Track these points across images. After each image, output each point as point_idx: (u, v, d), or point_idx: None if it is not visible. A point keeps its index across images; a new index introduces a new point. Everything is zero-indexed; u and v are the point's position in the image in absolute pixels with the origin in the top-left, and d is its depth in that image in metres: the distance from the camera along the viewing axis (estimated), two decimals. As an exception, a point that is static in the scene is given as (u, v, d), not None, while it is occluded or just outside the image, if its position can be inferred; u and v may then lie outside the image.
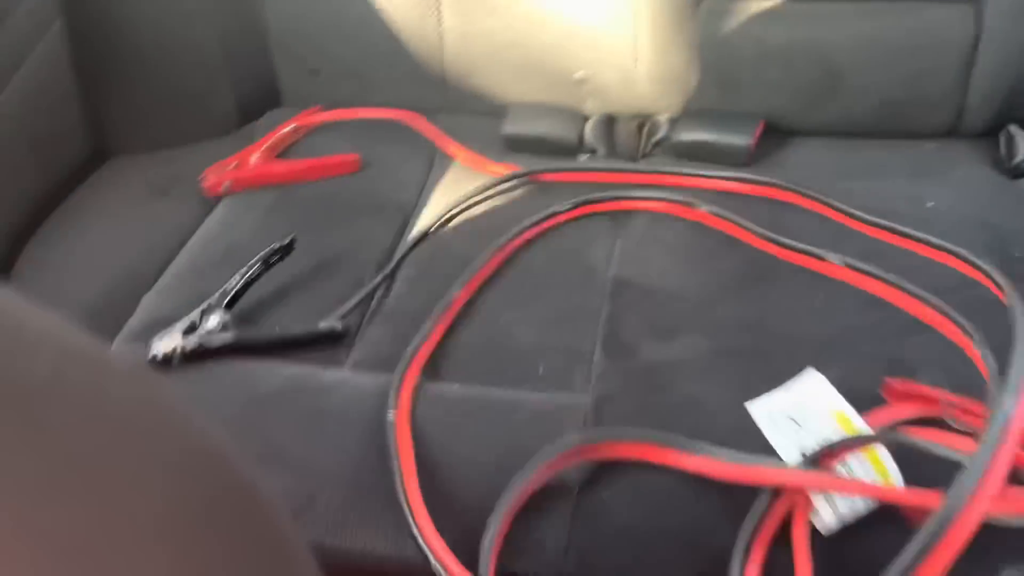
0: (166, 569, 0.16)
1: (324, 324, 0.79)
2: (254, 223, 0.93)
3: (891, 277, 0.73)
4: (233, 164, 0.99)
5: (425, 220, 0.92)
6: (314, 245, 0.89)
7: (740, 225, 0.81)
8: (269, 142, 1.01)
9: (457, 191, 0.94)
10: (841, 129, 0.94)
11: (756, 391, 0.68)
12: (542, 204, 0.89)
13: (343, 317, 0.80)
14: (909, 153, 0.91)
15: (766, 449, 0.64)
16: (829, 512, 0.58)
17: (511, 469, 0.65)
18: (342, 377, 0.76)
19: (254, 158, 0.99)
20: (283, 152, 1.03)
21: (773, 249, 0.79)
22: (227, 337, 0.77)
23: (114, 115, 1.07)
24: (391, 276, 0.86)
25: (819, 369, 0.68)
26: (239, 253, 0.85)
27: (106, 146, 1.07)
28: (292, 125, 1.03)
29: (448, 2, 1.01)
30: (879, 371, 0.67)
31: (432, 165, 1.01)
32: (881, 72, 0.89)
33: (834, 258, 0.74)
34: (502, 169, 0.94)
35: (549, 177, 0.93)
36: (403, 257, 0.87)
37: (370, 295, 0.84)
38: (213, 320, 0.77)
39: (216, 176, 0.98)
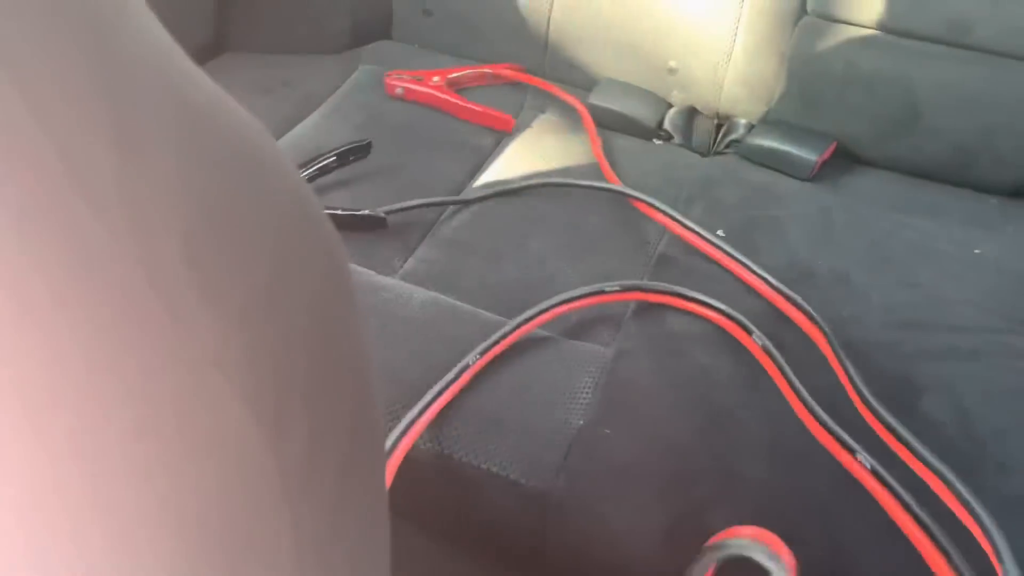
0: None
1: (367, 210, 0.86)
2: (342, 135, 1.00)
3: (907, 498, 0.61)
4: (415, 76, 1.07)
5: (499, 168, 0.98)
6: (389, 165, 0.95)
7: (786, 377, 0.72)
8: (453, 73, 1.09)
9: (534, 150, 1.00)
10: (908, 167, 0.97)
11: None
12: (620, 212, 0.93)
13: (390, 212, 0.87)
14: (968, 202, 0.94)
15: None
16: None
17: (527, 393, 0.71)
18: (391, 283, 0.82)
19: (435, 80, 1.06)
20: (459, 87, 1.09)
21: (808, 420, 0.69)
22: None
23: (238, 13, 1.15)
24: (458, 207, 0.92)
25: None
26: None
27: (225, 40, 1.15)
28: (487, 70, 1.11)
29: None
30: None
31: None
32: (959, 118, 0.92)
33: (863, 458, 0.64)
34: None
35: (637, 204, 0.91)
36: (475, 200, 0.92)
37: (432, 220, 0.91)
38: None
39: (397, 80, 1.06)
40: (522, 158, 0.98)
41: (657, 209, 0.88)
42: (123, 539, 0.17)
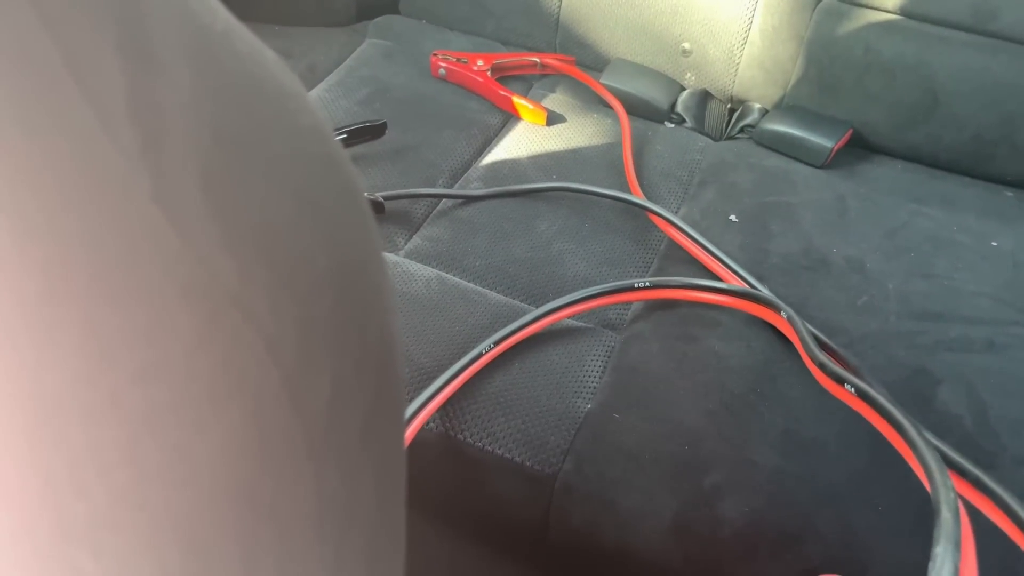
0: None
1: (367, 194, 0.84)
2: (347, 110, 0.98)
3: (899, 418, 0.55)
4: (459, 58, 1.05)
5: (507, 148, 0.95)
6: (397, 139, 0.93)
7: (805, 345, 0.67)
8: (499, 59, 1.06)
9: (544, 131, 0.97)
10: (926, 156, 0.95)
11: (780, 363, 0.71)
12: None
13: (388, 198, 0.85)
14: (985, 194, 0.92)
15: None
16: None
17: (535, 376, 0.69)
18: (395, 260, 0.80)
19: (479, 64, 1.04)
20: (502, 74, 1.06)
21: (807, 362, 0.66)
22: None
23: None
24: (465, 198, 0.89)
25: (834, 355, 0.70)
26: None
27: (229, 9, 1.13)
28: (535, 59, 1.07)
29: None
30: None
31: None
32: (979, 107, 0.90)
33: (849, 386, 0.60)
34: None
35: (652, 217, 0.85)
36: (480, 197, 0.88)
37: (437, 199, 0.88)
38: None
39: (440, 59, 1.04)
40: (531, 140, 0.96)
41: (675, 226, 0.83)
42: (126, 492, 0.15)
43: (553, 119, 0.99)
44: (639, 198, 0.86)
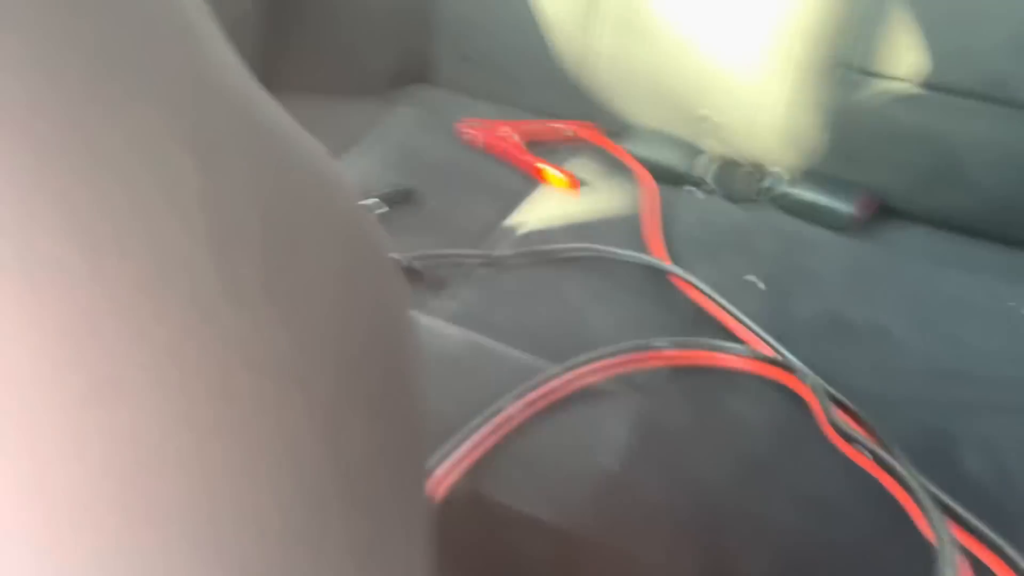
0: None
1: (403, 259, 0.86)
2: (378, 176, 1.01)
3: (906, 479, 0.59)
4: (486, 125, 1.09)
5: (534, 215, 0.98)
6: (427, 204, 0.96)
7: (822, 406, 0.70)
8: (526, 126, 1.09)
9: (564, 195, 1.01)
10: (948, 221, 0.96)
11: (803, 425, 0.71)
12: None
13: (418, 260, 0.87)
14: (1005, 256, 0.93)
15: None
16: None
17: (556, 433, 0.70)
18: (424, 321, 0.82)
19: (506, 131, 1.08)
20: (529, 140, 1.09)
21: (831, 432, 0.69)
22: None
23: (277, 53, 1.16)
24: (493, 259, 0.91)
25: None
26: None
27: (262, 78, 1.17)
28: (562, 127, 1.11)
29: (612, 25, 1.08)
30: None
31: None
32: (1000, 172, 0.91)
33: (863, 448, 0.63)
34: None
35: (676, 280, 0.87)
36: (514, 258, 0.90)
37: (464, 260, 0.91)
38: None
39: (469, 127, 1.09)
40: (557, 205, 0.99)
41: (699, 290, 0.85)
42: (186, 537, 0.17)
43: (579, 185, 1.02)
44: (664, 262, 0.88)
